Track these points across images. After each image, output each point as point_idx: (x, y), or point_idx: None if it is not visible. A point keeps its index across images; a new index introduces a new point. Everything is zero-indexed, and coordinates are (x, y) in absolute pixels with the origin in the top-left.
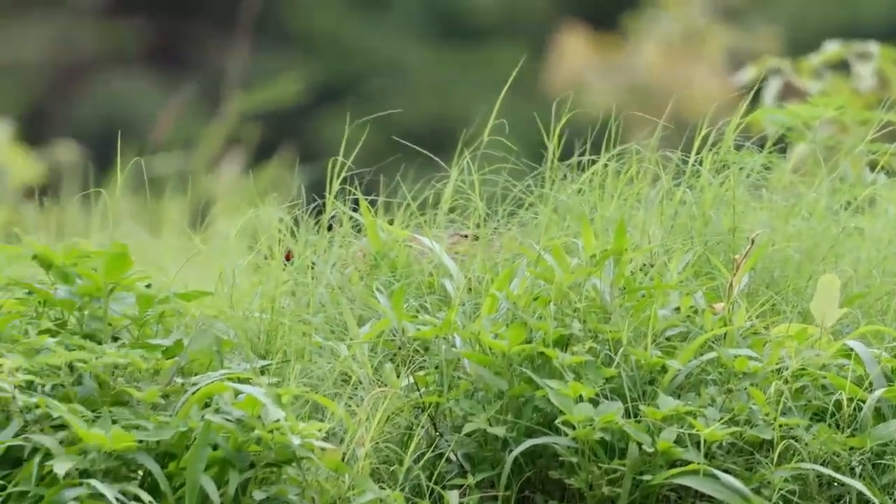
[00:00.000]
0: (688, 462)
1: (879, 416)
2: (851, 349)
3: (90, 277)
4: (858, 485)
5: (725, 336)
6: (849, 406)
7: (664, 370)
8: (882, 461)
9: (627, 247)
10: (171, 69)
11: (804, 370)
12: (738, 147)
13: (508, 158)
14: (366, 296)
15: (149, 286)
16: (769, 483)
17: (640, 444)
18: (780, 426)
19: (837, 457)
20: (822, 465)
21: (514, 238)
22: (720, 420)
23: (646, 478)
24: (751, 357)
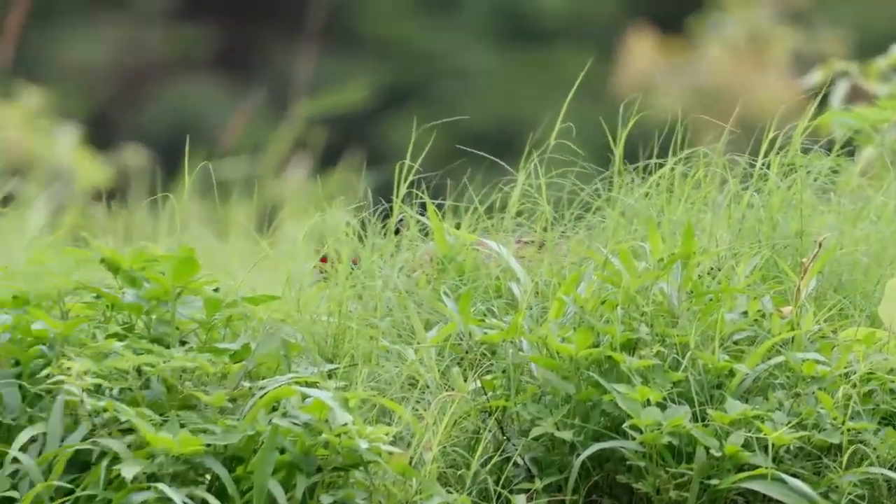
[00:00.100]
0: (755, 466)
1: None
2: None
3: (158, 281)
4: None
5: (793, 340)
6: None
7: (732, 374)
8: None
9: (695, 250)
10: (239, 74)
11: (872, 374)
12: (806, 150)
13: (575, 162)
14: (433, 299)
15: (216, 290)
16: (837, 487)
17: (708, 449)
18: (849, 430)
19: None
20: (891, 470)
21: (582, 242)
22: (788, 424)
23: (713, 482)
24: (819, 361)
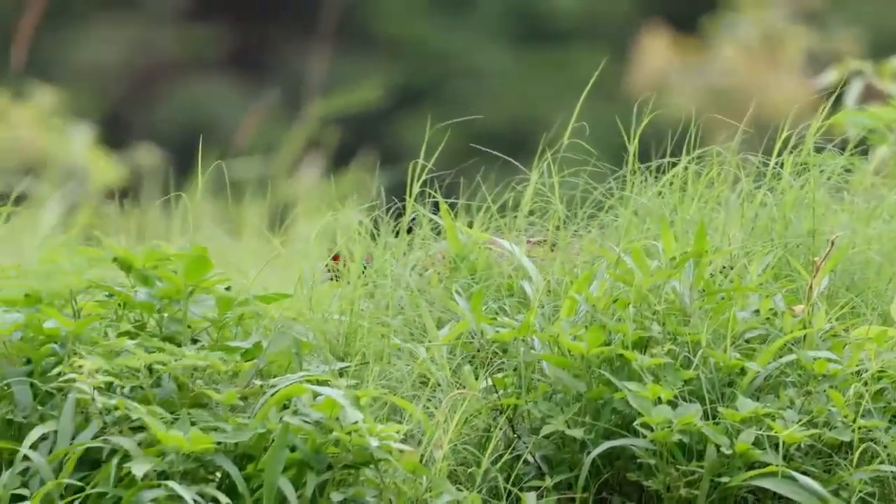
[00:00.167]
0: (766, 464)
1: None
2: None
3: (170, 280)
4: None
5: (805, 338)
6: None
7: (743, 372)
8: None
9: (707, 249)
10: (252, 74)
11: (884, 372)
12: (819, 149)
13: (588, 161)
14: (445, 298)
15: (228, 289)
16: (848, 485)
17: (719, 446)
18: (860, 428)
19: None
20: None
21: (594, 240)
22: (799, 422)
23: (724, 480)
24: (830, 359)
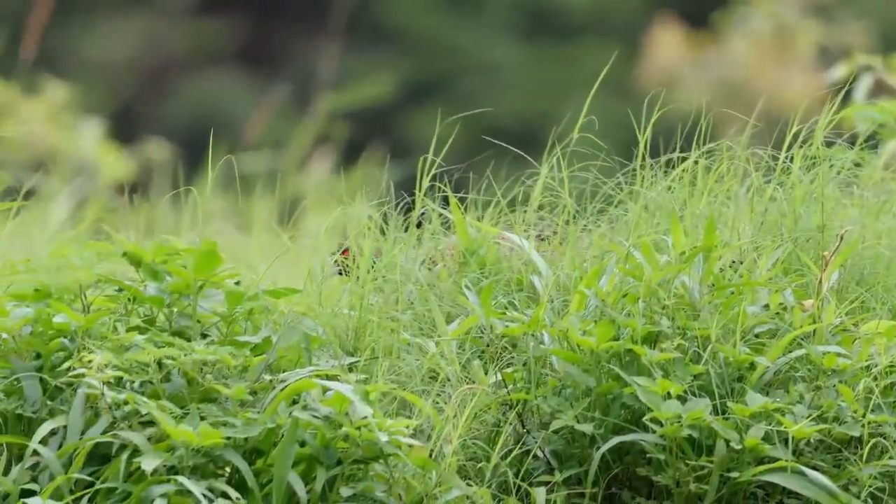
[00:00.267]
0: (775, 459)
1: None
2: None
3: (180, 275)
4: None
5: (814, 333)
6: None
7: (753, 367)
8: None
9: (717, 244)
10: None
11: (894, 367)
12: (829, 144)
13: (598, 156)
14: (454, 293)
15: (238, 283)
16: (857, 480)
17: (728, 441)
18: (869, 423)
19: None
20: None
21: (604, 235)
22: (808, 417)
23: (733, 475)
24: (840, 354)
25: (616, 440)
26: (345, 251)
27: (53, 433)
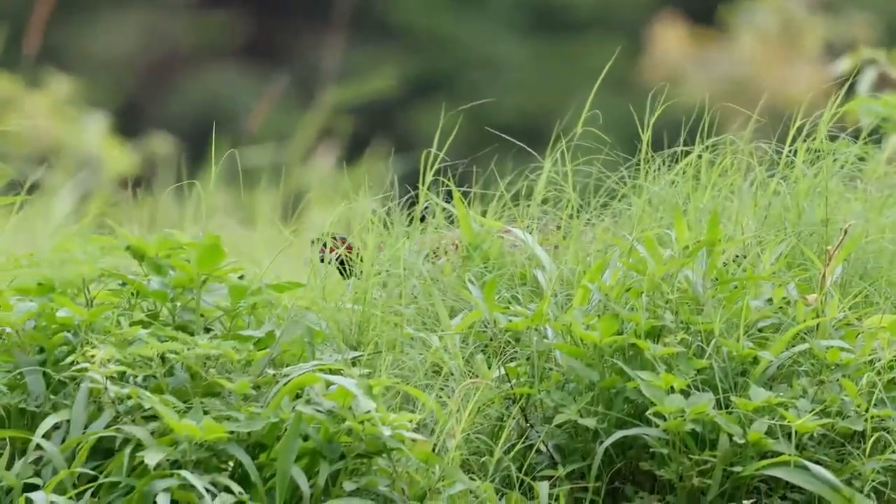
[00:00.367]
0: (779, 453)
1: None
2: None
3: (183, 269)
4: None
5: (818, 327)
6: None
7: (756, 361)
8: None
9: (720, 238)
10: (266, 63)
11: None
12: (833, 138)
13: (602, 150)
14: (458, 287)
15: (241, 277)
16: (860, 474)
17: (731, 436)
18: (872, 417)
19: None
20: None
21: (607, 229)
22: (812, 411)
23: (736, 469)
24: (843, 348)
25: (619, 434)
26: (343, 241)
27: (57, 427)
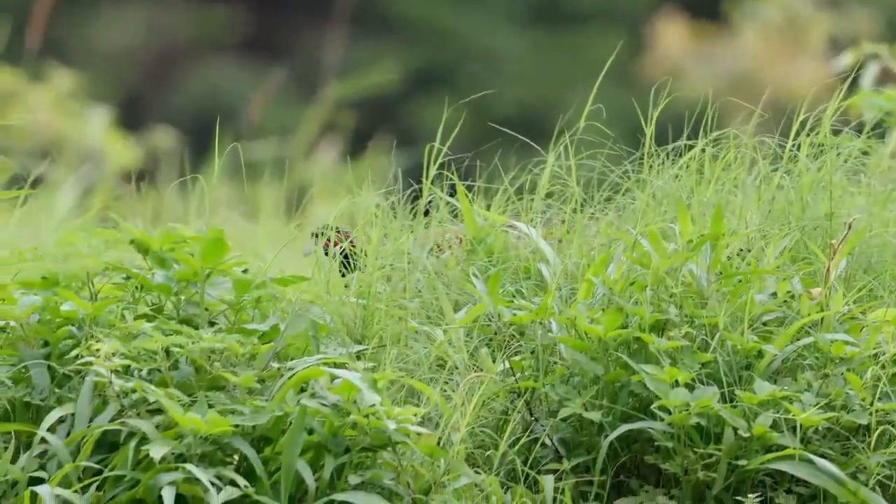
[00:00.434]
0: (783, 447)
1: None
2: None
3: (187, 262)
4: None
5: (822, 321)
6: None
7: (760, 355)
8: None
9: (724, 232)
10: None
11: None
12: (836, 132)
13: (605, 144)
14: (462, 281)
15: (245, 271)
16: (865, 468)
17: (736, 429)
18: (877, 411)
19: None
20: None
21: (611, 223)
22: (816, 405)
23: (741, 463)
24: (848, 342)
25: (624, 428)
26: (347, 235)
27: (61, 421)
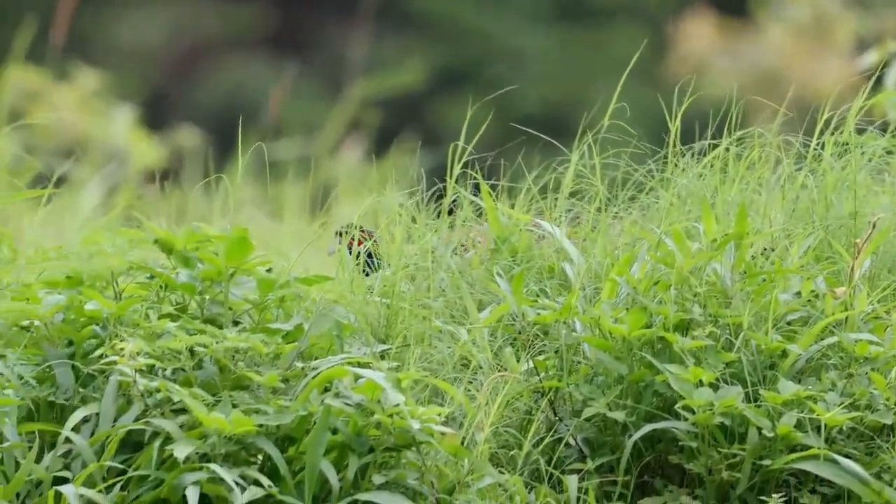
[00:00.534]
0: (808, 447)
1: None
2: None
3: (211, 262)
4: None
5: (846, 320)
6: None
7: (785, 355)
8: None
9: (748, 231)
10: (292, 54)
11: None
12: (860, 131)
13: (629, 142)
14: (486, 280)
15: (269, 270)
16: (889, 468)
17: (760, 429)
18: None
19: None
20: None
21: (635, 222)
22: (841, 405)
23: (765, 462)
24: (872, 342)
25: (648, 428)
26: (371, 235)
27: (86, 420)
